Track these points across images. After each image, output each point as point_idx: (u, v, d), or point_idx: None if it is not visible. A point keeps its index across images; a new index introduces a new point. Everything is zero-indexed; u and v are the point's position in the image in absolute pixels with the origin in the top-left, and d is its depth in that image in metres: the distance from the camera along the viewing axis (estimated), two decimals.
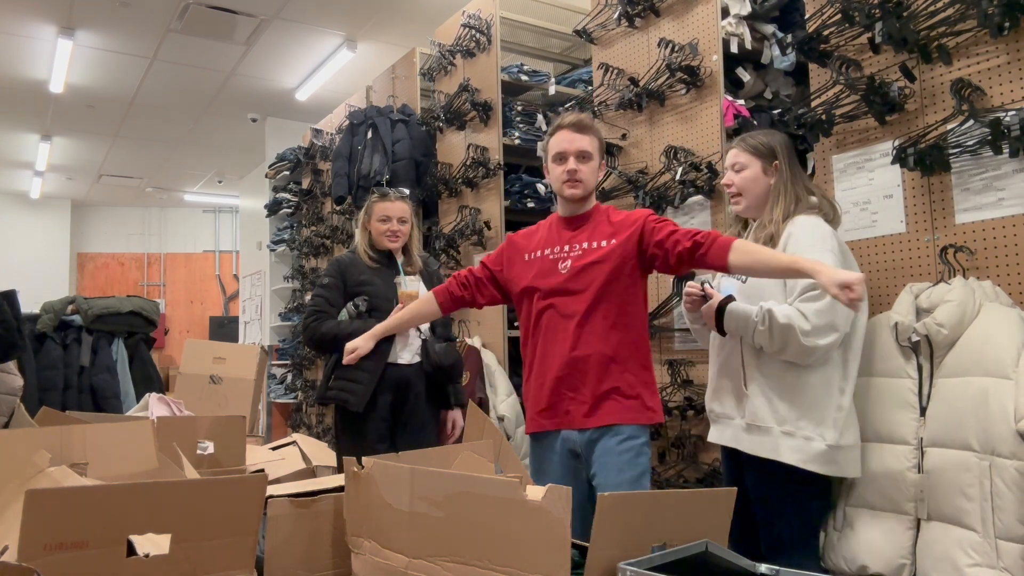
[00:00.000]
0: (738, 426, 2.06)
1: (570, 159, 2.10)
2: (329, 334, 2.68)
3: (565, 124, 2.13)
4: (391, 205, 2.79)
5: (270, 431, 6.62)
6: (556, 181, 2.14)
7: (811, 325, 1.86)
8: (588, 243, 2.10)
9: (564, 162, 2.11)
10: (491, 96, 3.97)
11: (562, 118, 2.16)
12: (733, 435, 2.08)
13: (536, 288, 2.13)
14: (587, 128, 2.13)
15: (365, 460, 1.33)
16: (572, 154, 2.10)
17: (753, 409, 2.00)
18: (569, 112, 2.56)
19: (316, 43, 5.94)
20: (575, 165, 2.09)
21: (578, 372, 2.05)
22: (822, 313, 1.86)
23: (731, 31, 2.82)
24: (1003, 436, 1.70)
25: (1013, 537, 1.67)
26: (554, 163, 2.14)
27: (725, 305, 2.00)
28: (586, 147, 2.11)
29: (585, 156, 2.11)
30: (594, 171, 2.14)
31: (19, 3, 5.16)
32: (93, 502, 1.08)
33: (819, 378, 1.95)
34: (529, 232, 2.27)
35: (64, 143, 8.39)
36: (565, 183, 2.11)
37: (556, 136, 2.14)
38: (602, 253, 2.06)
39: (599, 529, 1.08)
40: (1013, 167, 1.94)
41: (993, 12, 1.91)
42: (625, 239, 2.06)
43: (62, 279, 10.39)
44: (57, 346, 3.77)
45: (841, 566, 2.00)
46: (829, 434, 1.90)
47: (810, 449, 1.91)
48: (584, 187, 2.12)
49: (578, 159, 2.10)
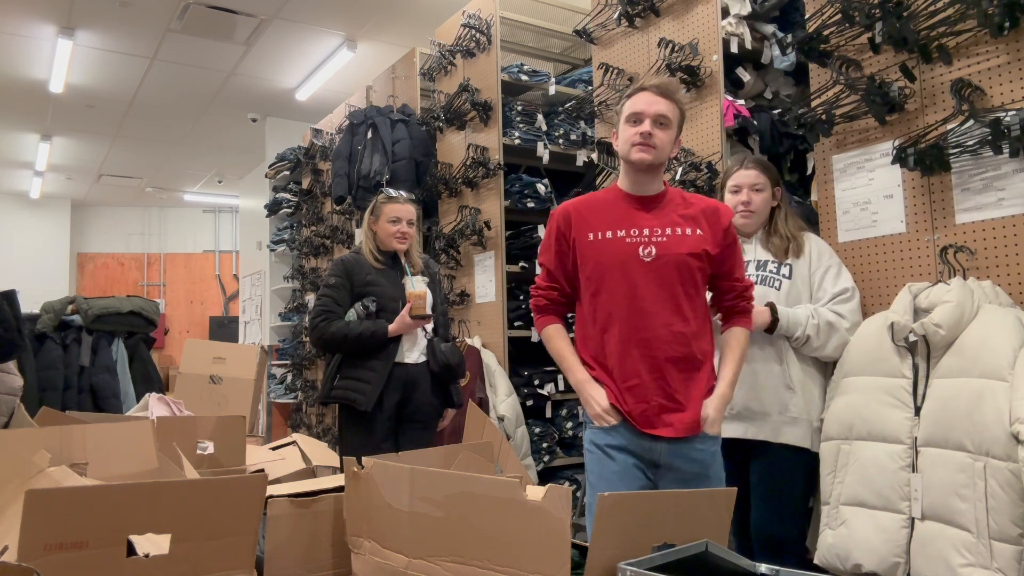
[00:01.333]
0: (779, 421, 2.18)
1: (646, 121, 1.88)
2: (339, 334, 2.69)
3: (648, 86, 1.92)
4: (401, 207, 2.80)
5: (270, 431, 6.62)
6: (625, 144, 1.92)
7: (850, 322, 2.17)
8: (673, 229, 1.92)
9: (639, 123, 1.89)
10: (491, 96, 3.97)
11: (644, 80, 1.97)
12: (772, 430, 2.19)
13: (610, 271, 1.92)
14: (671, 94, 1.93)
15: (365, 460, 1.33)
16: (650, 116, 1.89)
17: (793, 402, 2.18)
18: (653, 75, 2.34)
19: (316, 43, 5.94)
20: (651, 128, 1.88)
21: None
22: (855, 312, 2.20)
23: (731, 31, 2.82)
24: (997, 438, 1.70)
25: (1007, 538, 1.67)
26: (627, 124, 1.92)
27: (774, 308, 2.17)
28: (666, 112, 1.90)
29: (664, 122, 1.90)
30: (670, 142, 1.93)
31: (19, 3, 5.16)
32: (93, 502, 1.08)
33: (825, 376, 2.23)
34: (588, 205, 2.00)
35: (64, 143, 8.39)
36: (635, 145, 1.89)
37: (635, 97, 1.92)
38: (690, 242, 1.91)
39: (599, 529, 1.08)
40: (1013, 167, 1.94)
41: (993, 12, 1.91)
42: (711, 236, 1.93)
43: (62, 279, 10.39)
44: (57, 346, 3.77)
45: (835, 564, 2.00)
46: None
47: (818, 433, 2.18)
48: (656, 155, 1.90)
49: (655, 123, 1.89)
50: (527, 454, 3.68)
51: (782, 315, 2.17)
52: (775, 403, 2.19)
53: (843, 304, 2.19)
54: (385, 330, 2.68)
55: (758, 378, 2.22)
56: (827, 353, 2.17)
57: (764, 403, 2.20)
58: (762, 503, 2.20)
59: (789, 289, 2.24)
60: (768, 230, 2.32)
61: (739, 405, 2.22)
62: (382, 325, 2.68)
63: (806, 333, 2.15)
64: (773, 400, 2.19)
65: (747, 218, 2.31)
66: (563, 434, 3.96)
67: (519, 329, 3.89)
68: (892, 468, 1.91)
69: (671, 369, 1.87)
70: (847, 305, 2.19)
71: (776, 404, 2.19)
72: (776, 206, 2.34)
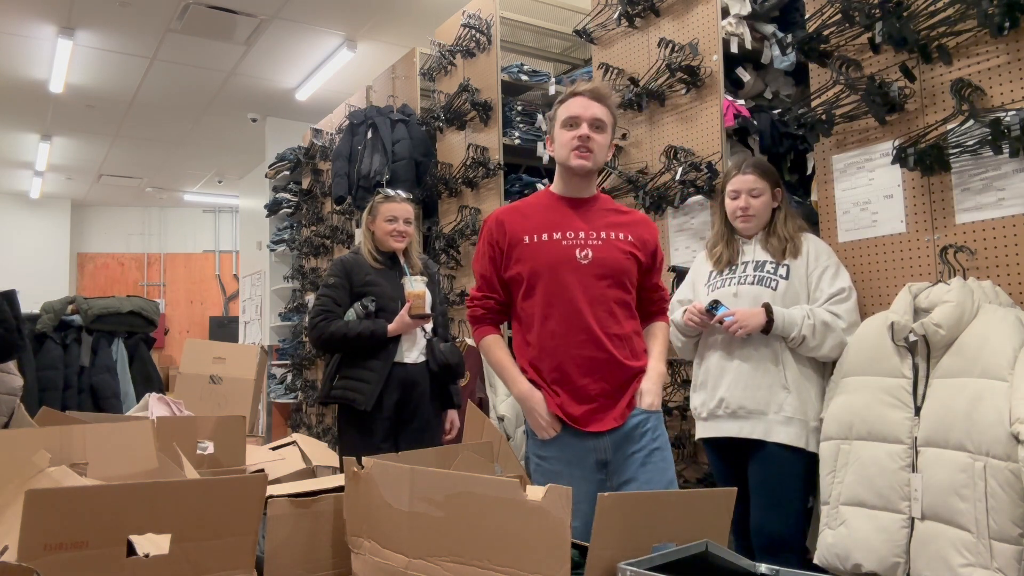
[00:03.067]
0: (773, 420, 2.18)
1: (583, 125, 1.88)
2: (338, 334, 2.69)
3: (581, 90, 1.91)
4: (397, 206, 2.80)
5: (270, 431, 6.62)
6: (563, 148, 1.91)
7: (846, 323, 2.17)
8: (608, 232, 1.94)
9: (576, 128, 1.89)
10: (491, 96, 3.97)
11: (577, 84, 1.95)
12: (765, 429, 2.19)
13: (547, 273, 1.92)
14: (604, 97, 1.93)
15: (365, 460, 1.33)
16: (586, 120, 1.88)
17: (788, 402, 2.18)
18: (584, 80, 2.34)
19: (316, 43, 5.94)
20: (588, 132, 1.88)
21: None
22: (851, 312, 2.19)
23: (731, 31, 2.82)
24: (998, 438, 1.70)
25: (1007, 538, 1.67)
26: (563, 128, 1.91)
27: (770, 308, 2.19)
28: (601, 116, 1.90)
29: (600, 126, 1.90)
30: (606, 146, 1.94)
31: (19, 3, 5.16)
32: (93, 502, 1.08)
33: (823, 377, 2.23)
34: (521, 210, 2.01)
35: (64, 143, 8.39)
36: (574, 151, 1.89)
37: (569, 102, 1.92)
38: (625, 248, 1.94)
39: (599, 529, 1.08)
40: (1013, 167, 1.94)
41: (993, 12, 1.91)
42: (641, 245, 1.97)
43: (62, 279, 10.39)
44: (57, 346, 3.77)
45: (835, 564, 2.00)
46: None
47: (815, 434, 2.19)
48: (594, 160, 1.91)
49: (592, 127, 1.88)
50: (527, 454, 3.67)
51: (777, 315, 2.17)
52: (770, 403, 2.19)
53: (839, 304, 2.19)
54: (384, 330, 2.68)
55: (753, 378, 2.22)
56: (823, 353, 2.18)
57: (759, 402, 2.20)
58: (761, 503, 2.21)
59: (786, 289, 2.24)
60: (768, 231, 2.33)
61: (734, 404, 2.23)
62: (381, 325, 2.68)
63: (802, 333, 2.15)
64: (768, 399, 2.19)
65: (746, 223, 2.34)
66: None
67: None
68: (892, 468, 1.91)
69: (607, 369, 1.89)
70: (843, 305, 2.19)
71: (771, 404, 2.19)
72: (777, 207, 2.34)
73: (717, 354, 2.30)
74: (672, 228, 2.98)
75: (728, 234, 2.39)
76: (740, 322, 2.18)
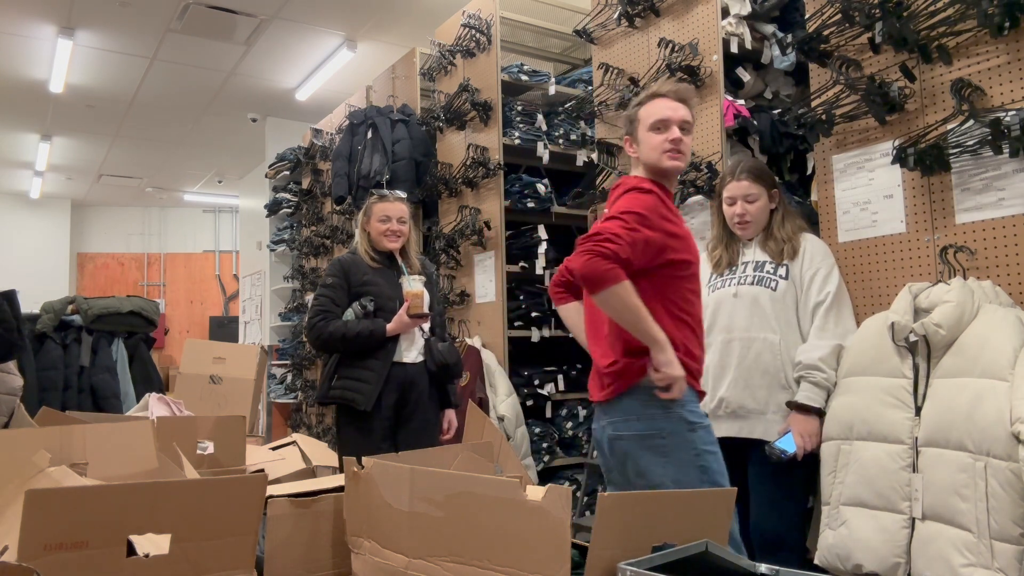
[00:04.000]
0: (773, 420, 2.20)
1: (673, 128, 1.90)
2: (337, 334, 2.69)
3: (665, 92, 1.95)
4: (390, 205, 2.80)
5: (270, 431, 6.62)
6: (654, 152, 1.92)
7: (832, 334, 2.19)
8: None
9: (666, 131, 1.90)
10: (491, 96, 3.97)
11: (659, 86, 1.99)
12: (765, 428, 2.21)
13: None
14: (688, 99, 1.96)
15: (365, 460, 1.33)
16: (676, 123, 1.91)
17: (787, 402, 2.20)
18: (665, 81, 2.33)
19: (316, 43, 5.94)
20: (680, 135, 1.91)
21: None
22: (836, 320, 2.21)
23: (731, 31, 2.82)
24: (998, 438, 1.70)
25: (1008, 538, 1.67)
26: (651, 132, 1.92)
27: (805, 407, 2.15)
28: (688, 118, 1.94)
29: (686, 128, 1.94)
30: (690, 147, 1.99)
31: (19, 3, 5.16)
32: (93, 502, 1.08)
33: None
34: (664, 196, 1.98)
35: (64, 143, 8.39)
36: (667, 153, 1.90)
37: (654, 104, 1.94)
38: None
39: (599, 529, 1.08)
40: (1013, 167, 1.94)
41: (993, 12, 1.91)
42: None
43: (62, 279, 10.39)
44: (57, 346, 3.77)
45: (835, 564, 2.00)
46: None
47: None
48: (685, 160, 1.95)
49: (681, 130, 1.92)
50: (527, 454, 3.68)
51: (815, 404, 2.13)
52: (769, 402, 2.20)
53: (823, 318, 2.19)
54: (383, 329, 2.68)
55: (753, 377, 2.22)
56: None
57: (759, 402, 2.21)
58: (761, 503, 2.21)
59: (786, 289, 2.24)
60: (767, 232, 2.34)
61: (734, 404, 2.24)
62: (380, 324, 2.69)
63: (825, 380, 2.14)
64: (767, 399, 2.20)
65: (744, 229, 2.35)
66: (563, 434, 3.96)
67: (519, 329, 3.89)
68: (893, 468, 1.91)
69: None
70: (826, 318, 2.19)
71: (771, 403, 2.20)
72: (774, 208, 2.35)
73: (717, 354, 2.30)
74: None
75: (727, 237, 2.40)
76: (809, 445, 2.12)
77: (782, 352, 2.21)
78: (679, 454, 1.81)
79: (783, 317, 2.24)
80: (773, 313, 2.24)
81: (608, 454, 1.91)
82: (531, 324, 3.91)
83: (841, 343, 2.16)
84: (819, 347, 2.16)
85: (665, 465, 1.80)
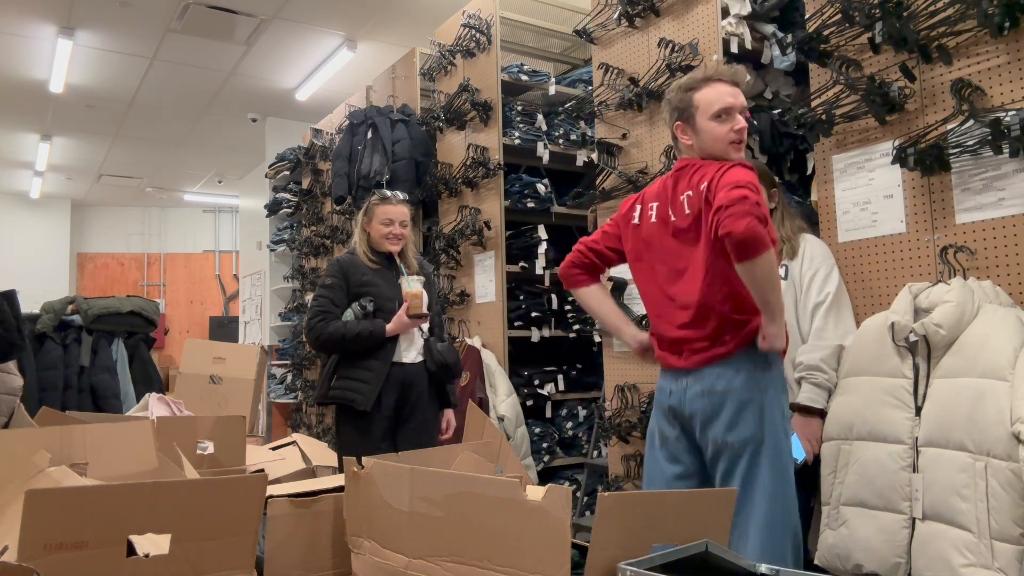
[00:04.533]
0: None
1: (737, 116, 1.86)
2: (336, 334, 2.69)
3: (723, 76, 1.89)
4: (393, 208, 2.80)
5: (270, 431, 6.62)
6: (720, 142, 1.87)
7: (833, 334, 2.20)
8: None
9: (730, 119, 1.86)
10: (491, 96, 3.97)
11: (715, 69, 1.92)
12: None
13: None
14: (741, 82, 1.92)
15: (365, 460, 1.33)
16: (738, 110, 1.87)
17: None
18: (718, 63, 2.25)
19: (316, 43, 5.94)
20: (744, 124, 1.87)
21: None
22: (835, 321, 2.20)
23: (731, 31, 2.82)
24: (998, 438, 1.70)
25: (1008, 538, 1.67)
26: (714, 120, 1.87)
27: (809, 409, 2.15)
28: (745, 104, 1.90)
29: (745, 114, 1.90)
30: None
31: (19, 3, 5.16)
32: (93, 502, 1.08)
33: None
34: None
35: (64, 143, 8.39)
36: (732, 143, 1.87)
37: (713, 89, 1.87)
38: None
39: (599, 529, 1.08)
40: (1013, 167, 1.94)
41: (993, 12, 1.91)
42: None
43: (62, 279, 10.39)
44: (57, 346, 3.77)
45: (836, 564, 2.00)
46: None
47: None
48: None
49: (742, 116, 1.88)
50: (527, 454, 3.68)
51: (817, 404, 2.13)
52: None
53: (823, 318, 2.19)
54: (383, 330, 2.68)
55: None
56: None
57: None
58: None
59: (786, 290, 2.24)
60: None
61: None
62: (380, 325, 2.69)
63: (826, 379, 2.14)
64: None
65: None
66: (563, 434, 3.96)
67: (519, 329, 3.89)
68: (893, 468, 1.91)
69: None
70: (826, 318, 2.19)
71: None
72: (773, 208, 2.34)
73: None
74: None
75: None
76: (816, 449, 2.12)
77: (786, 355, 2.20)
78: (776, 413, 1.86)
79: None
80: None
81: (707, 410, 1.85)
82: (531, 324, 3.91)
83: (841, 343, 2.15)
84: (820, 348, 2.16)
85: (761, 422, 1.83)
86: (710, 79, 1.89)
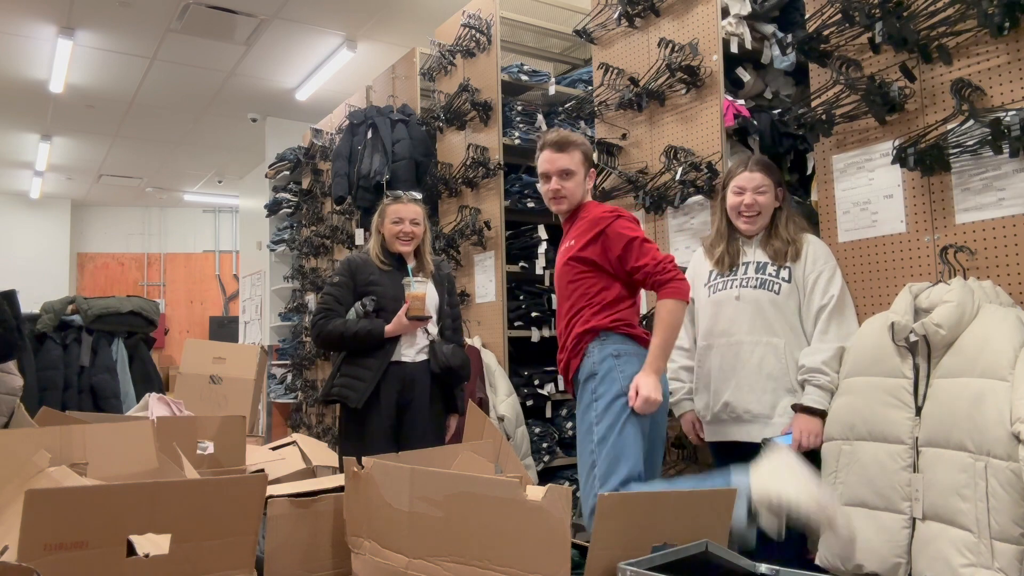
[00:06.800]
0: (779, 423, 2.21)
1: (553, 179, 2.26)
2: (336, 332, 2.71)
3: (548, 143, 2.28)
4: (403, 207, 2.83)
5: (270, 431, 6.62)
6: (544, 197, 2.35)
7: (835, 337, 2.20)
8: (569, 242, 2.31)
9: (548, 181, 2.28)
10: (491, 96, 3.97)
11: (545, 136, 2.31)
12: (771, 433, 2.21)
13: None
14: (567, 145, 2.26)
15: (365, 460, 1.33)
16: (554, 174, 2.26)
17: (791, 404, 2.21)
18: (552, 130, 2.66)
19: (316, 43, 5.94)
20: (557, 184, 2.26)
21: None
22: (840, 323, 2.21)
23: (731, 31, 2.82)
24: (998, 438, 1.70)
25: (1008, 538, 1.67)
26: (541, 180, 2.32)
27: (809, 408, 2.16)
28: (567, 165, 2.25)
29: (567, 174, 2.26)
30: (579, 184, 2.29)
31: (19, 3, 5.16)
32: (93, 502, 1.08)
33: None
34: None
35: (64, 143, 8.39)
36: (551, 200, 2.31)
37: (540, 156, 2.30)
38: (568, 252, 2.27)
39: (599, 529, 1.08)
40: (1013, 167, 1.94)
41: (993, 12, 1.91)
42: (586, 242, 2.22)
43: (62, 279, 10.39)
44: (57, 346, 3.77)
45: (836, 564, 2.00)
46: None
47: None
48: (568, 202, 2.29)
49: (560, 178, 2.26)
50: (527, 454, 3.68)
51: (819, 405, 2.12)
52: (775, 406, 2.21)
53: (827, 321, 2.19)
54: (382, 330, 2.69)
55: (759, 381, 2.22)
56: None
57: (764, 405, 2.22)
58: None
59: (789, 292, 2.24)
60: (769, 232, 2.33)
61: (740, 408, 2.26)
62: (379, 324, 2.70)
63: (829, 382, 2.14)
64: (773, 403, 2.21)
65: (751, 222, 2.34)
66: (563, 434, 3.96)
67: (519, 329, 3.89)
68: (893, 468, 1.91)
69: None
70: (829, 321, 2.19)
71: (776, 407, 2.21)
72: (779, 207, 2.34)
73: (719, 358, 2.30)
74: (672, 228, 2.98)
75: (729, 233, 2.39)
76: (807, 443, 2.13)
77: (786, 356, 2.21)
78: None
79: (786, 321, 2.24)
80: (776, 317, 2.24)
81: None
82: (531, 324, 3.91)
83: (844, 345, 2.16)
84: (822, 350, 2.16)
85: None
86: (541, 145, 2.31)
